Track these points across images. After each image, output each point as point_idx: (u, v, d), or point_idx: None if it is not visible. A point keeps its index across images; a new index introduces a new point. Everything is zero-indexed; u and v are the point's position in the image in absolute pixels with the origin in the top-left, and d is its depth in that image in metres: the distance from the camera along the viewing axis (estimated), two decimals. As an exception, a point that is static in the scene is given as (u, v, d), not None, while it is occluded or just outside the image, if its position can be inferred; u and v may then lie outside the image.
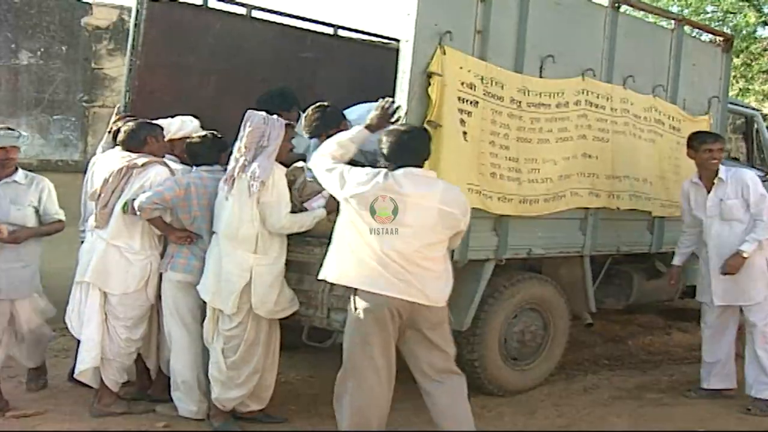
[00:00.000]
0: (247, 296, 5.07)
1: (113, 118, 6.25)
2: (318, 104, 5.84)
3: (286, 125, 5.19)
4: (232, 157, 5.15)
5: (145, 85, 6.35)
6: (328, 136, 5.89)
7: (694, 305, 6.67)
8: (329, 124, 5.78)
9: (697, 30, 8.96)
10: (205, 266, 5.22)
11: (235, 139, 5.21)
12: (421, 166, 4.61)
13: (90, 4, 8.08)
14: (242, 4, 6.96)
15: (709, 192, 6.22)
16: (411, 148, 4.59)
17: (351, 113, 6.05)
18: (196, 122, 5.87)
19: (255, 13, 7.00)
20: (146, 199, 5.18)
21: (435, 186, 4.57)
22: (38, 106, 7.78)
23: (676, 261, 6.59)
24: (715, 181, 6.19)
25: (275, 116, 5.21)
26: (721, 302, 6.16)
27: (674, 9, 15.99)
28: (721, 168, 6.25)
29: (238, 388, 5.17)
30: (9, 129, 5.55)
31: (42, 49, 7.75)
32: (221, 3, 6.89)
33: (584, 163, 6.29)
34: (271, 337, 5.31)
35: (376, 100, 5.93)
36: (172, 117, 5.87)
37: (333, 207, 5.26)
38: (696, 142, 6.31)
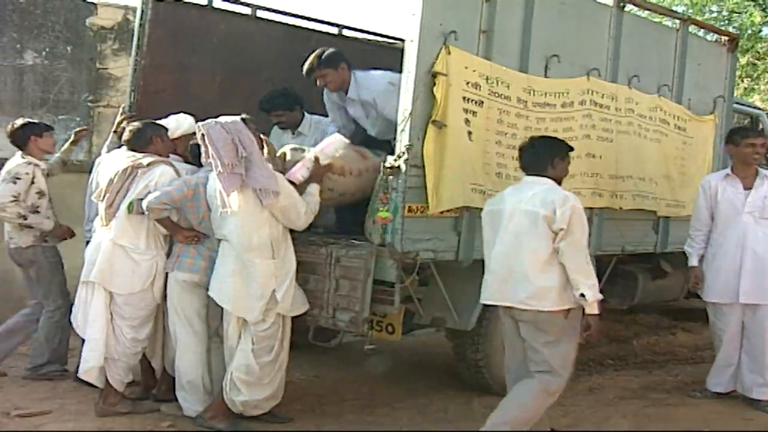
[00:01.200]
0: (273, 299, 5.08)
1: (118, 118, 6.27)
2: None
3: (242, 120, 5.12)
4: (219, 176, 4.98)
5: (150, 85, 6.36)
6: (276, 116, 6.17)
7: (699, 305, 6.63)
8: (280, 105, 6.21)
9: (702, 29, 8.92)
10: (217, 273, 5.17)
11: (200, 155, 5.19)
12: (542, 174, 4.78)
13: (95, 4, 8.10)
14: (247, 4, 6.96)
15: (746, 188, 6.16)
16: (526, 157, 4.87)
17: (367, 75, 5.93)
18: (190, 119, 5.83)
19: (260, 13, 7.00)
20: (155, 199, 5.18)
21: (533, 190, 4.71)
22: (43, 106, 7.80)
23: (695, 261, 6.33)
24: (757, 179, 6.16)
25: (227, 119, 5.09)
26: (747, 300, 6.07)
27: (679, 8, 15.95)
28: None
29: (266, 387, 5.17)
30: None
31: (47, 49, 7.77)
32: (226, 3, 6.89)
33: (588, 163, 6.28)
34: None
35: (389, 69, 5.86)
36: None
37: (318, 177, 5.21)
38: (738, 136, 6.28)
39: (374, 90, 5.76)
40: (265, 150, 5.28)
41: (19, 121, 6.25)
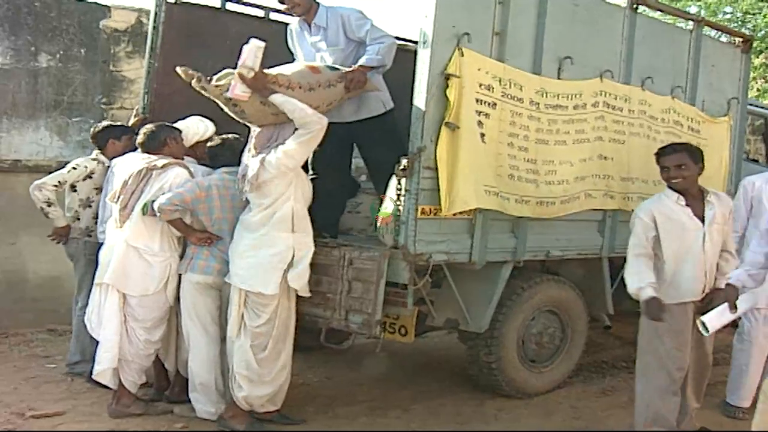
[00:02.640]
0: (284, 282, 5.10)
1: (132, 120, 6.30)
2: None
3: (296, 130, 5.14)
4: (243, 157, 5.22)
5: (163, 87, 6.37)
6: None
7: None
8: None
9: (716, 31, 8.88)
10: (231, 261, 5.19)
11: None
12: None
13: (108, 6, 8.12)
14: (260, 7, 6.97)
15: None
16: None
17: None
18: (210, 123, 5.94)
19: (273, 16, 6.99)
20: (166, 201, 5.20)
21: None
22: (57, 108, 7.82)
23: None
24: None
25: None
26: None
27: (692, 10, 15.89)
28: None
29: (267, 385, 5.17)
30: None
31: (61, 52, 7.80)
32: (239, 5, 6.91)
33: (600, 165, 6.27)
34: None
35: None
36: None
37: (263, 89, 5.01)
38: None
39: (342, 12, 5.68)
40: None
41: (102, 124, 6.32)
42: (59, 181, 6.00)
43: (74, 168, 6.06)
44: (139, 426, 5.28)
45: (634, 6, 6.45)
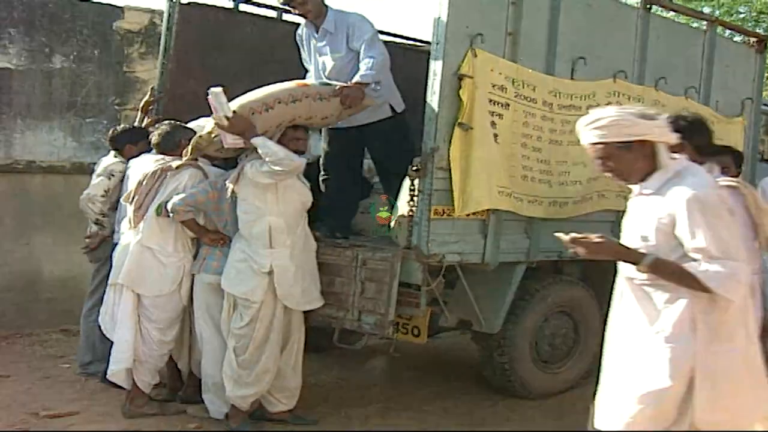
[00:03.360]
0: (271, 290, 5.11)
1: (146, 121, 6.31)
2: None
3: (296, 128, 5.24)
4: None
5: (177, 88, 6.39)
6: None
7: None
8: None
9: (729, 31, 8.84)
10: (227, 262, 5.23)
11: None
12: None
13: (122, 8, 8.15)
14: (273, 8, 6.98)
15: None
16: None
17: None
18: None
19: (285, 17, 7.01)
20: (179, 201, 5.22)
21: None
22: (71, 109, 7.85)
23: None
24: None
25: None
26: None
27: (706, 10, 15.83)
28: None
29: (248, 386, 5.17)
30: None
31: (75, 53, 7.82)
32: (252, 6, 6.92)
33: (613, 166, 6.24)
34: (291, 338, 5.32)
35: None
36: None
37: (246, 130, 5.05)
38: None
39: (350, 20, 5.71)
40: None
41: (120, 127, 6.32)
42: (105, 191, 5.99)
43: (112, 174, 6.02)
44: (153, 426, 5.29)
45: (648, 6, 6.43)
